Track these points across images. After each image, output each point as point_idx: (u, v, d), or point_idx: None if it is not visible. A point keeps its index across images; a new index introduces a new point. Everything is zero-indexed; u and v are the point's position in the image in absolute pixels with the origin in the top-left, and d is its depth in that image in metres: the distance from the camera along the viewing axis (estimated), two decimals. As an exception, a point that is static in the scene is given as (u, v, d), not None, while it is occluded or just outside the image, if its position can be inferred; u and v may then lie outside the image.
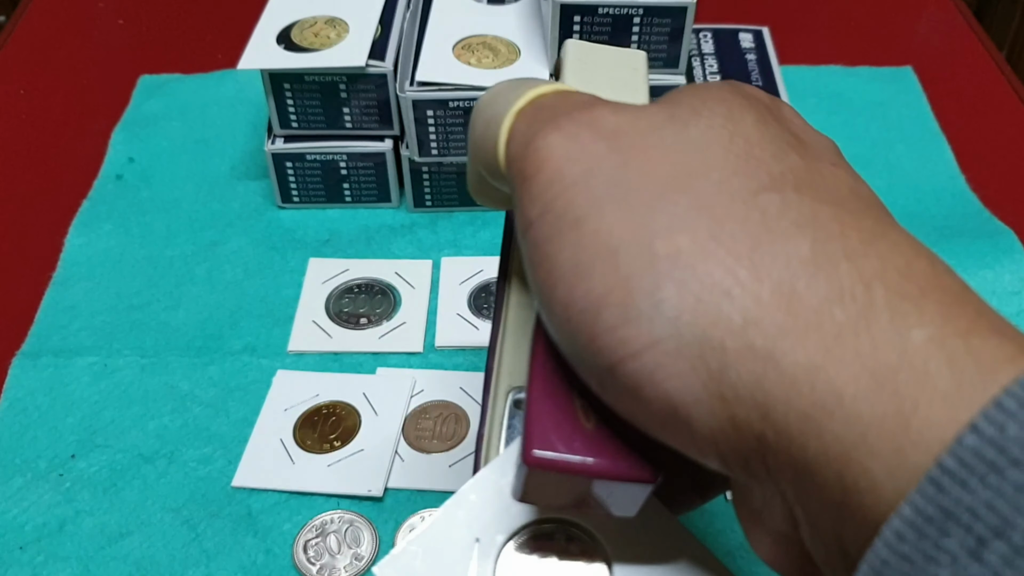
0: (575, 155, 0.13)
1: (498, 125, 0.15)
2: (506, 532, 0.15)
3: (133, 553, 0.27)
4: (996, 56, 0.47)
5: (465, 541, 0.15)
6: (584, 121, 0.14)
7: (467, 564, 0.15)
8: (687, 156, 0.13)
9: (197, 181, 0.40)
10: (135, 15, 0.50)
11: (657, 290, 0.12)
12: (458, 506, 0.16)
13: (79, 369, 0.33)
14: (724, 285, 0.12)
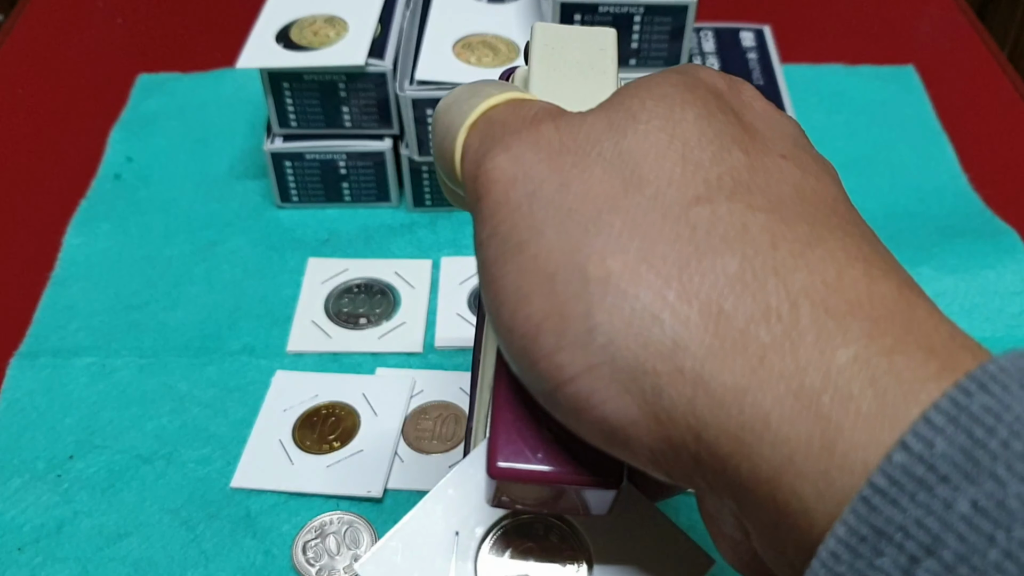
0: (519, 177, 0.13)
1: (453, 138, 0.15)
2: (485, 525, 0.15)
3: (132, 554, 0.27)
4: (998, 55, 0.47)
5: (445, 535, 0.15)
6: (529, 140, 0.14)
7: (447, 557, 0.15)
8: (623, 170, 0.13)
9: (196, 180, 0.40)
10: (133, 14, 0.50)
11: (589, 317, 0.12)
12: (436, 500, 0.16)
13: (77, 369, 0.32)
14: (653, 309, 0.12)
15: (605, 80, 0.17)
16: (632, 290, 0.12)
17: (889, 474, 0.10)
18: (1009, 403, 0.10)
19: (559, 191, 0.13)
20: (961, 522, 0.09)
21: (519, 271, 0.13)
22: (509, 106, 0.15)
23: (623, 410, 0.12)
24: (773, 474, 0.11)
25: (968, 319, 0.34)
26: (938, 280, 0.34)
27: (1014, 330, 0.33)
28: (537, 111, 0.15)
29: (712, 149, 0.13)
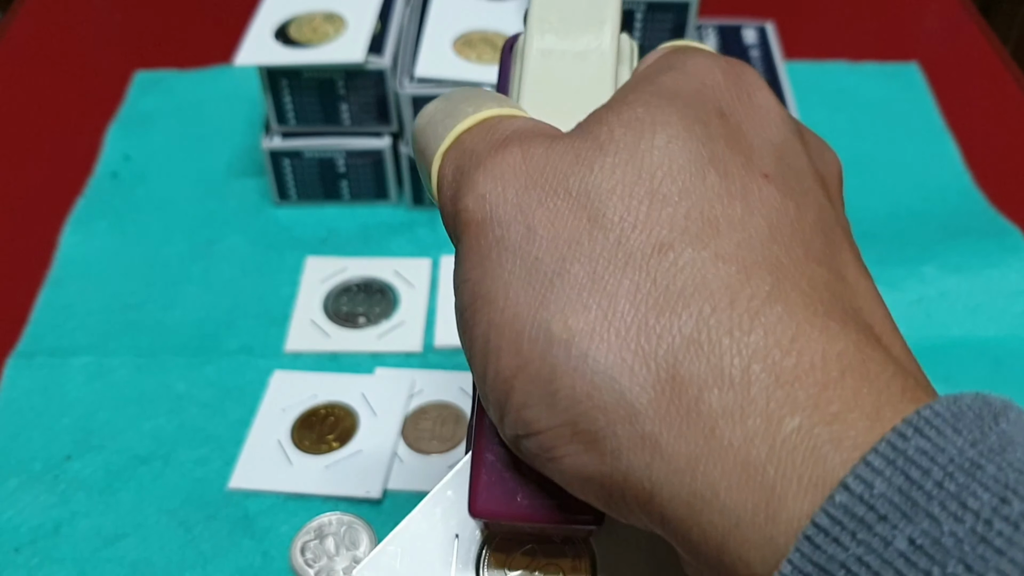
0: (487, 220, 0.13)
1: (429, 165, 0.15)
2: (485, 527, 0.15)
3: (129, 555, 0.27)
4: (1002, 52, 0.47)
5: (444, 538, 0.15)
6: (494, 173, 0.14)
7: (448, 562, 0.15)
8: (588, 208, 0.13)
9: (193, 179, 0.40)
10: (130, 11, 0.50)
11: (553, 379, 0.12)
12: (435, 503, 0.15)
13: (74, 369, 0.32)
14: (613, 373, 0.12)
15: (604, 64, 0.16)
16: (593, 352, 0.12)
17: (831, 514, 0.10)
18: (943, 446, 0.10)
19: (525, 237, 0.13)
20: (900, 559, 0.10)
21: (489, 324, 0.13)
22: (480, 128, 0.15)
23: (583, 466, 0.12)
24: (720, 540, 0.11)
25: (972, 318, 0.33)
26: (941, 279, 0.34)
27: (1018, 329, 0.33)
28: (507, 135, 0.14)
29: (683, 178, 0.13)
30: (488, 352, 0.13)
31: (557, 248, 0.13)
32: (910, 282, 0.34)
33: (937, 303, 0.34)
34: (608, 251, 0.12)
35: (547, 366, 0.12)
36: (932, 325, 0.33)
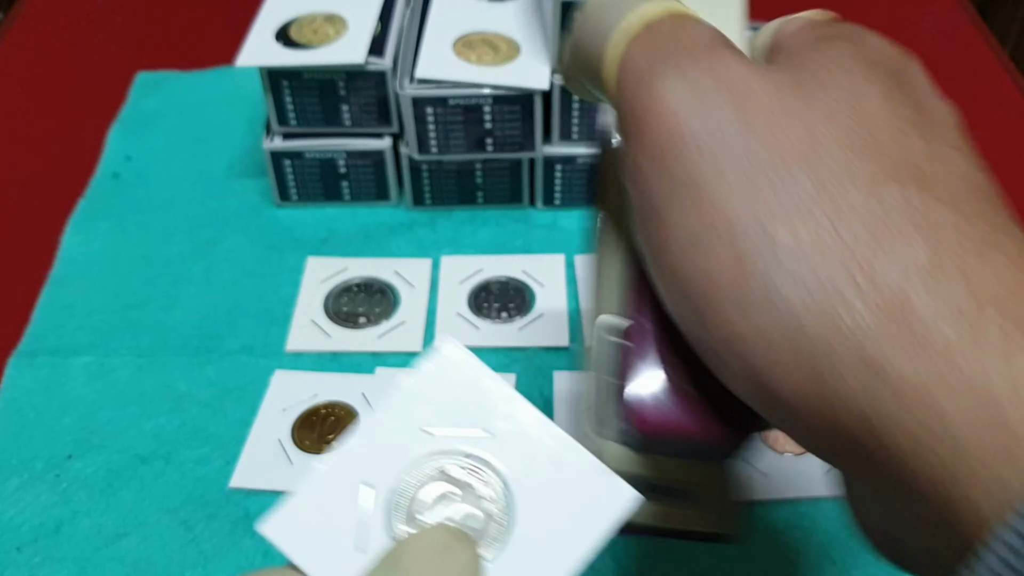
0: (699, 111, 0.13)
1: (604, 41, 0.14)
2: (396, 472, 0.15)
3: (130, 554, 0.27)
4: (1000, 54, 0.47)
5: (353, 487, 0.15)
6: (709, 70, 0.13)
7: (359, 510, 0.15)
8: (813, 129, 0.12)
9: (194, 179, 0.40)
10: (132, 12, 0.50)
11: (771, 280, 0.12)
12: (342, 453, 0.15)
13: (75, 369, 0.32)
14: (840, 286, 0.11)
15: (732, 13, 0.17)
16: (819, 262, 0.11)
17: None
18: None
19: (744, 135, 0.12)
20: None
21: (692, 214, 0.12)
22: (675, 20, 0.14)
23: (791, 383, 0.12)
24: (947, 477, 0.11)
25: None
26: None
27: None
28: (710, 36, 0.14)
29: (893, 131, 0.13)
30: (691, 245, 0.12)
31: (780, 154, 0.12)
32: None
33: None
34: (834, 168, 0.12)
35: (763, 265, 0.12)
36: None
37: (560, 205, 0.39)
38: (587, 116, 0.36)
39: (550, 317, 0.34)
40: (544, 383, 0.32)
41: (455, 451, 0.15)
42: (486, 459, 0.15)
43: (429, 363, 0.16)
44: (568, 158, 0.37)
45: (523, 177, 0.38)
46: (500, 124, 0.35)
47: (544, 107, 0.35)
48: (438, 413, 0.15)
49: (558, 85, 0.34)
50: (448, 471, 0.15)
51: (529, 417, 0.15)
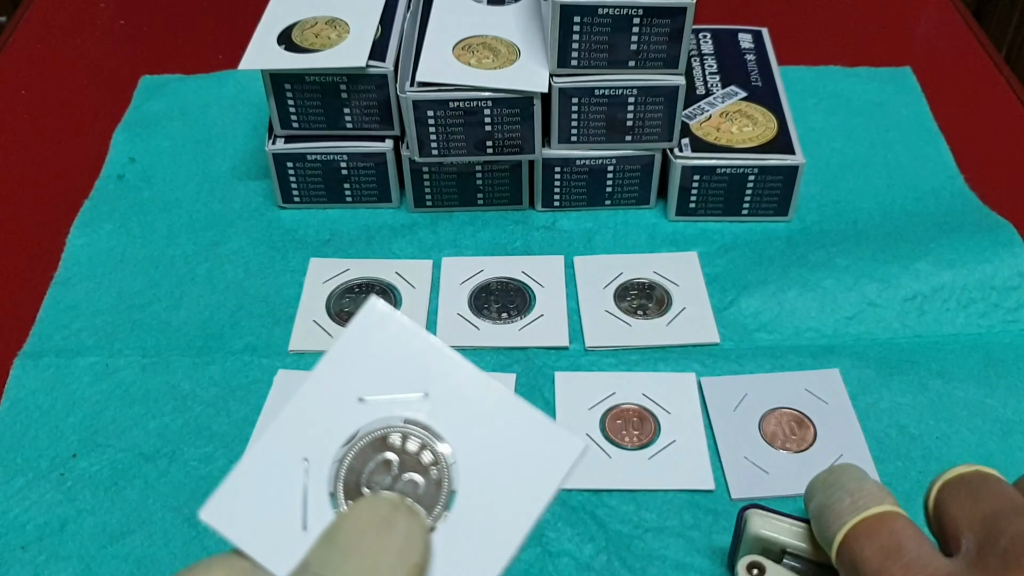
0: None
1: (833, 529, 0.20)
2: (335, 444, 0.14)
3: (134, 552, 0.28)
4: (995, 56, 0.47)
5: (292, 464, 0.14)
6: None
7: (299, 487, 0.14)
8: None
9: (198, 181, 0.40)
10: (136, 16, 0.50)
11: None
12: (276, 429, 0.15)
13: (80, 369, 0.33)
14: None
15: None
16: None
17: None
18: None
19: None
20: None
21: None
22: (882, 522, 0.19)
23: None
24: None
25: (964, 314, 0.34)
26: (935, 275, 0.34)
27: (1009, 325, 0.34)
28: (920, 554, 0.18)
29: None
30: None
31: None
32: (904, 278, 0.34)
33: (931, 299, 0.34)
34: None
35: None
36: (925, 321, 0.34)
37: (559, 207, 0.39)
38: (586, 119, 0.36)
39: (550, 318, 0.34)
40: (544, 384, 0.32)
41: (394, 417, 0.14)
42: (426, 423, 0.14)
43: (357, 327, 0.15)
44: (567, 160, 0.37)
45: (523, 179, 0.38)
46: (500, 127, 0.36)
47: (543, 110, 0.35)
48: (372, 378, 0.15)
49: (557, 88, 0.35)
50: (389, 439, 0.14)
51: (467, 375, 0.15)
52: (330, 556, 0.13)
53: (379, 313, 0.15)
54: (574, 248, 0.37)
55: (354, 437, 0.15)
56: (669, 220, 0.38)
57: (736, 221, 0.38)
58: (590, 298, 0.35)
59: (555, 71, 0.35)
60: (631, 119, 0.36)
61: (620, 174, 0.38)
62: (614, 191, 0.38)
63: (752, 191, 0.37)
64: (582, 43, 0.34)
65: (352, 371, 0.15)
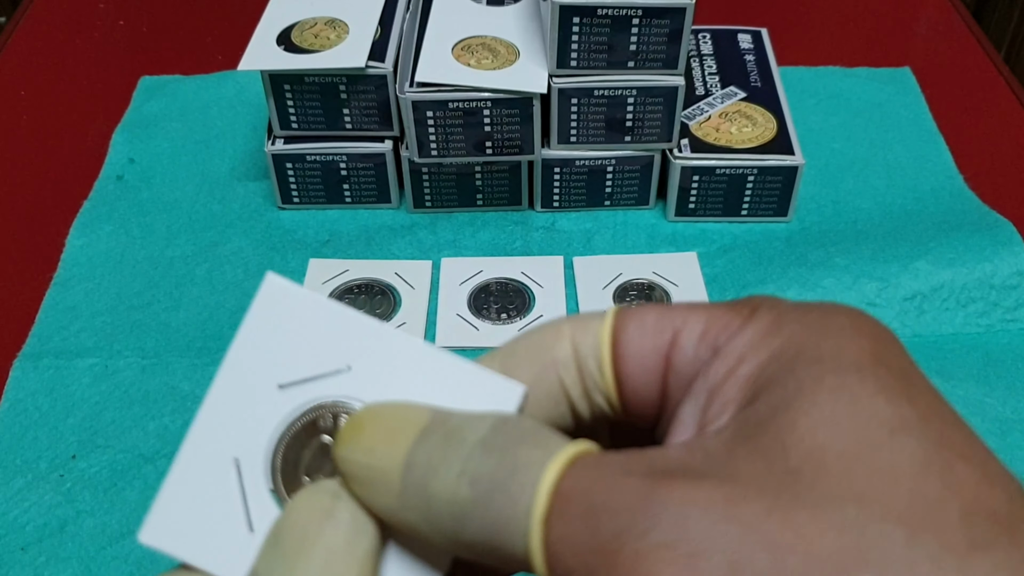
0: None
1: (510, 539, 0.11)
2: (264, 437, 0.14)
3: (134, 553, 0.28)
4: (994, 56, 0.47)
5: (224, 467, 0.13)
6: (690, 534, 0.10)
7: (235, 490, 0.13)
8: None
9: (197, 182, 0.40)
10: (136, 16, 0.50)
11: None
12: (198, 434, 0.14)
13: (80, 370, 0.33)
14: None
15: None
16: None
17: None
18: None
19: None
20: None
21: None
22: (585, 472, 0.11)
23: None
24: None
25: (964, 313, 0.34)
26: (935, 274, 0.34)
27: (1008, 324, 0.34)
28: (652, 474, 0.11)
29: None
30: None
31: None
32: (903, 277, 0.34)
33: (930, 299, 0.34)
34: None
35: None
36: (925, 320, 0.34)
37: (559, 207, 0.39)
38: (585, 120, 0.36)
39: (550, 318, 0.34)
40: (544, 383, 0.32)
41: (320, 397, 0.14)
42: (354, 396, 0.14)
43: (259, 307, 0.14)
44: (567, 161, 0.37)
45: (522, 180, 0.38)
46: (499, 127, 0.36)
47: (543, 110, 0.35)
48: (287, 360, 0.14)
49: (556, 88, 0.35)
50: (320, 422, 0.14)
51: (387, 339, 0.14)
52: (277, 561, 0.12)
53: (279, 288, 0.14)
54: (574, 249, 0.37)
55: (283, 425, 0.14)
56: (668, 220, 0.38)
57: (735, 221, 0.38)
58: (590, 299, 0.35)
59: (554, 72, 0.35)
60: (630, 120, 0.36)
61: (619, 174, 0.38)
62: (613, 191, 0.38)
63: (751, 191, 0.37)
64: (581, 44, 0.34)
65: (263, 357, 0.14)
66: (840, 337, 0.12)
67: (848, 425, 0.11)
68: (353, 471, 0.13)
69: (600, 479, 0.11)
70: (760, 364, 0.12)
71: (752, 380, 0.12)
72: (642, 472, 0.11)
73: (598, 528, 0.10)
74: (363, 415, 0.13)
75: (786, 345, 0.12)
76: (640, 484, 0.11)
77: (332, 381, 0.14)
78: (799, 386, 0.11)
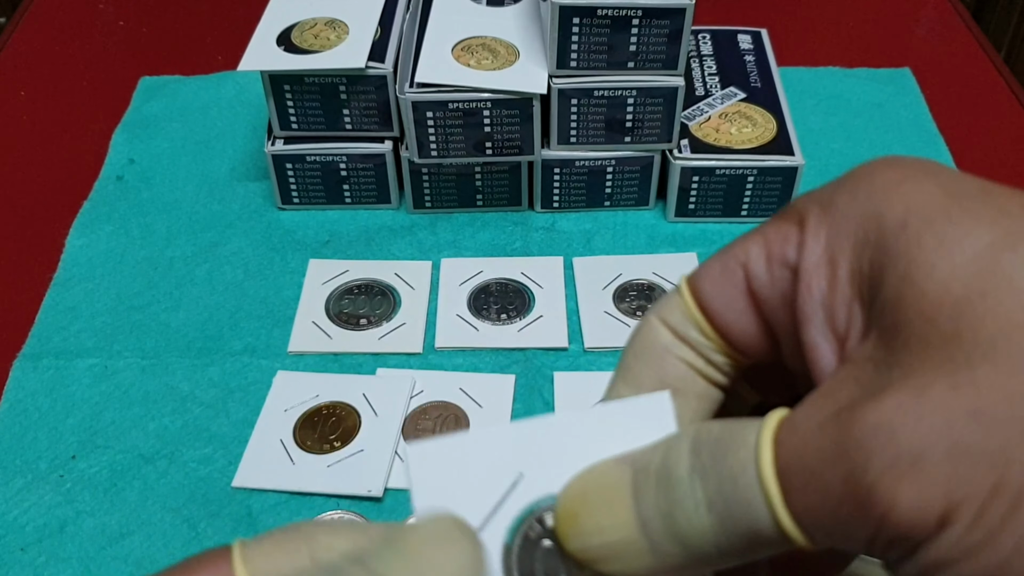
0: None
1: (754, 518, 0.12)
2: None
3: (134, 553, 0.28)
4: (994, 57, 0.47)
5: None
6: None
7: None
8: None
9: (197, 182, 0.40)
10: (136, 17, 0.50)
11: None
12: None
13: (80, 371, 0.33)
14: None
15: None
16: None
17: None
18: None
19: None
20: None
21: None
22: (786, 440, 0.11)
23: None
24: None
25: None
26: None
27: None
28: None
29: None
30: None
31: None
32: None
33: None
34: None
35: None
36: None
37: (559, 208, 0.39)
38: (585, 120, 0.36)
39: (549, 318, 0.34)
40: (544, 384, 0.32)
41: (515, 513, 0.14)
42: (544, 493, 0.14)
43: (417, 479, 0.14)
44: (566, 161, 0.37)
45: (522, 180, 0.38)
46: (499, 128, 0.36)
47: (543, 111, 0.35)
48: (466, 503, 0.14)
49: (556, 89, 0.35)
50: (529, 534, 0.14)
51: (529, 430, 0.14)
52: (387, 554, 0.12)
53: (420, 452, 0.14)
54: (573, 249, 0.37)
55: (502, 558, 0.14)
56: (668, 221, 0.38)
57: (736, 222, 0.38)
58: (589, 299, 0.35)
59: (554, 72, 0.35)
60: (630, 120, 0.36)
61: (619, 175, 0.38)
62: (613, 192, 0.38)
63: (751, 192, 0.37)
64: (581, 44, 0.34)
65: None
66: (898, 192, 0.12)
67: (972, 266, 0.11)
68: (597, 555, 0.13)
69: (804, 444, 0.11)
70: (852, 258, 0.12)
71: (857, 275, 0.12)
72: (831, 417, 0.11)
73: (827, 485, 0.11)
74: (567, 504, 0.14)
75: (862, 227, 0.12)
76: (837, 429, 0.11)
77: (516, 494, 0.14)
78: (906, 256, 0.11)
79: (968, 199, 0.12)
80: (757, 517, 0.12)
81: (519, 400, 0.31)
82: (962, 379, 0.10)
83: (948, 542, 0.10)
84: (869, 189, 0.13)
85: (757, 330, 0.14)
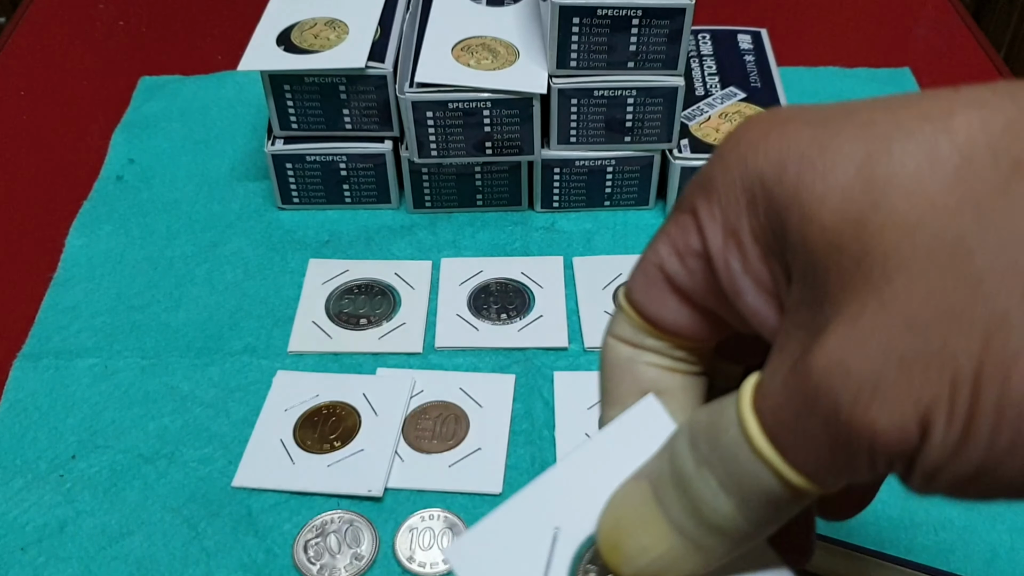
0: None
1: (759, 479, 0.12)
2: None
3: (134, 553, 0.28)
4: (994, 57, 0.47)
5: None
6: None
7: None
8: None
9: (197, 182, 0.40)
10: (135, 16, 0.50)
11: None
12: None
13: (80, 370, 0.33)
14: None
15: None
16: None
17: None
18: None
19: None
20: None
21: None
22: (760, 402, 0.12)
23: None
24: None
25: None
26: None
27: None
28: None
29: None
30: None
31: None
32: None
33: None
34: None
35: None
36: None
37: (559, 208, 0.39)
38: (585, 120, 0.36)
39: (549, 318, 0.34)
40: (544, 384, 0.32)
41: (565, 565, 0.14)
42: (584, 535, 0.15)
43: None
44: (566, 161, 0.37)
45: (522, 180, 0.38)
46: (499, 128, 0.36)
47: (543, 111, 0.35)
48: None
49: (556, 89, 0.35)
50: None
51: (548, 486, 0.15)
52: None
53: (459, 548, 0.15)
54: (573, 249, 0.37)
55: None
56: (668, 221, 0.38)
57: (735, 222, 0.38)
58: (589, 299, 0.35)
59: (554, 72, 0.35)
60: (630, 120, 0.36)
61: (619, 175, 0.38)
62: (613, 192, 0.38)
63: (751, 192, 0.37)
64: (581, 44, 0.34)
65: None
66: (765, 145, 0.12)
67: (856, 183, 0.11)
68: (652, 573, 0.13)
69: (778, 405, 0.12)
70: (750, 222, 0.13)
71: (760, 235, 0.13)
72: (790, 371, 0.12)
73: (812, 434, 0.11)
74: (606, 538, 0.14)
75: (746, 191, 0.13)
76: (798, 381, 0.12)
77: (560, 549, 0.15)
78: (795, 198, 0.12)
79: (833, 124, 0.12)
80: (769, 484, 0.12)
81: (519, 400, 0.31)
82: (885, 295, 0.11)
83: (935, 446, 0.11)
84: (738, 154, 0.13)
85: (701, 318, 0.15)
